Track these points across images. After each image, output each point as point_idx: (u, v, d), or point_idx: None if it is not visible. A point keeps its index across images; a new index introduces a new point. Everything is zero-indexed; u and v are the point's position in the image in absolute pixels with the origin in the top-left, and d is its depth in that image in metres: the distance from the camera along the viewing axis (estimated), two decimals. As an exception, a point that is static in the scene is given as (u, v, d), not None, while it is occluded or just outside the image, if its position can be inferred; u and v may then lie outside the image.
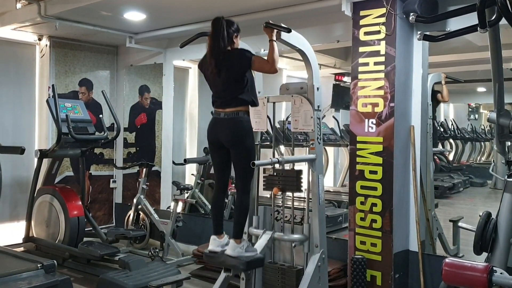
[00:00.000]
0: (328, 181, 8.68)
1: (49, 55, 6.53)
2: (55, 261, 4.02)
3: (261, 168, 3.96)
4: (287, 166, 3.80)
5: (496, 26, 3.07)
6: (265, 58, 3.43)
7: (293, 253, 3.80)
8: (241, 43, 3.93)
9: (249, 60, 3.44)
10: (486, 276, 2.47)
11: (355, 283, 4.09)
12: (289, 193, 3.84)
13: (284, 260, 3.86)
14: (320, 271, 3.62)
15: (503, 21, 2.85)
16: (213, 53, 3.49)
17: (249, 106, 3.55)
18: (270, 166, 3.81)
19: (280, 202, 4.05)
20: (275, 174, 3.80)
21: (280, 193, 3.75)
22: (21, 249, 5.62)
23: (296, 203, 3.91)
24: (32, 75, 6.61)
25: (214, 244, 3.59)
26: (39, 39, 6.53)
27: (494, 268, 2.58)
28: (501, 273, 2.62)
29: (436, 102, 5.63)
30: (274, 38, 3.42)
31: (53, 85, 5.47)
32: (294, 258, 3.80)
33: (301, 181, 3.70)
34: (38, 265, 3.87)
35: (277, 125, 6.40)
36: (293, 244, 3.65)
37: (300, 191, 3.73)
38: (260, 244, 3.67)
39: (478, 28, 2.84)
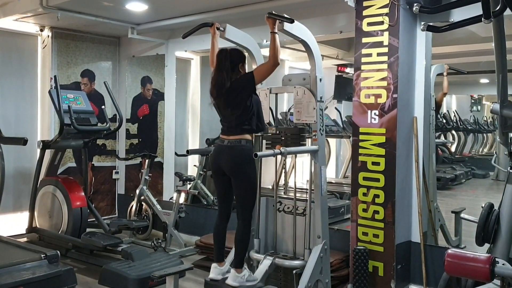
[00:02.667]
0: (330, 173, 8.68)
1: (51, 46, 6.51)
2: (58, 252, 4.05)
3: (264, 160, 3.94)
4: (290, 158, 3.78)
5: (501, 17, 3.04)
6: (270, 45, 3.41)
7: (295, 243, 3.81)
8: (244, 33, 3.92)
9: (252, 77, 3.46)
10: (489, 267, 2.47)
11: (357, 274, 4.10)
12: (291, 185, 3.84)
13: (286, 251, 3.87)
14: (322, 262, 3.63)
15: (508, 12, 2.83)
16: (216, 85, 3.53)
17: (254, 133, 3.59)
18: (273, 127, 3.88)
19: (283, 194, 4.06)
20: (278, 132, 3.82)
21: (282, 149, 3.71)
22: (25, 239, 5.65)
23: (298, 195, 3.91)
24: (34, 66, 6.60)
25: (215, 272, 3.62)
26: (41, 30, 6.51)
27: (497, 259, 2.57)
28: (503, 264, 2.62)
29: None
30: (276, 30, 3.41)
31: (55, 76, 5.47)
32: (296, 249, 3.81)
33: (303, 137, 3.72)
34: (42, 256, 3.89)
35: (279, 117, 6.39)
36: (294, 271, 3.60)
37: (303, 144, 3.75)
38: (260, 271, 3.67)
39: (483, 18, 2.82)
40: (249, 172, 3.52)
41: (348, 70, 8.41)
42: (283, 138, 3.77)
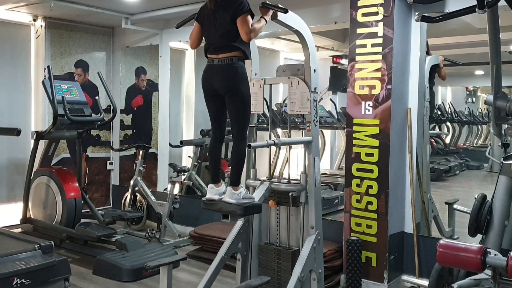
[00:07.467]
0: (325, 164, 8.70)
1: (44, 36, 6.46)
2: (52, 242, 4.04)
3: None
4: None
5: (495, 8, 3.04)
6: (252, 23, 3.36)
7: (289, 234, 3.82)
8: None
9: (240, 12, 3.33)
10: (480, 257, 2.49)
11: (350, 264, 4.13)
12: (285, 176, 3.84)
13: (280, 242, 3.88)
14: (316, 252, 3.64)
15: (502, 3, 2.83)
16: None
17: (242, 55, 3.49)
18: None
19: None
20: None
21: (276, 206, 3.73)
22: (19, 230, 5.64)
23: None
24: (27, 56, 6.55)
25: (212, 192, 3.57)
26: (34, 20, 6.45)
27: (488, 250, 2.59)
28: (495, 255, 2.64)
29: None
30: (267, 18, 3.38)
31: (48, 67, 5.43)
32: (290, 239, 3.82)
33: (297, 199, 3.68)
34: (36, 246, 3.89)
35: (274, 108, 6.38)
36: (290, 194, 3.57)
37: (297, 206, 3.70)
38: (257, 193, 3.65)
39: (477, 9, 2.82)
40: (243, 90, 3.42)
41: (343, 61, 8.37)
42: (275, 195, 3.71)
